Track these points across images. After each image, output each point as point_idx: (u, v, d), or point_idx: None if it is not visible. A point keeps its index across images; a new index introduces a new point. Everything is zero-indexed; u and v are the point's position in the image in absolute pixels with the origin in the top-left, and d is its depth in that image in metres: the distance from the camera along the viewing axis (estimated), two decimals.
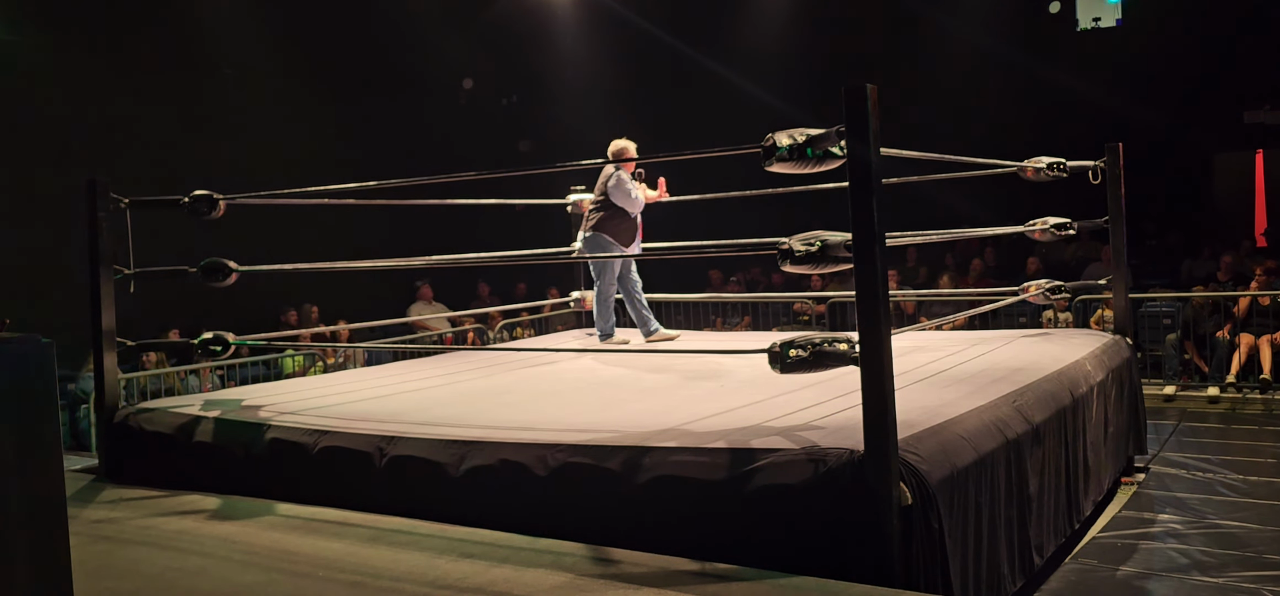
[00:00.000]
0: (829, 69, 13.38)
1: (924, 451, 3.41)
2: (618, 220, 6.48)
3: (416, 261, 6.52)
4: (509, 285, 12.86)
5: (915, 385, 4.54)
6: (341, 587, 3.31)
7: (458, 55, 14.48)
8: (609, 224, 6.46)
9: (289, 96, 12.13)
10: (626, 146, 6.56)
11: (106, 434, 5.18)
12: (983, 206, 7.64)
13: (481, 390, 5.33)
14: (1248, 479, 5.86)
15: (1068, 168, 6.05)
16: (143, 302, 5.53)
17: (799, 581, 3.13)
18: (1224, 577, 4.27)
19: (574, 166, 7.70)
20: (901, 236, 6.34)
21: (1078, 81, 13.04)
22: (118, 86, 10.62)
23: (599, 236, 6.47)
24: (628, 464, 3.59)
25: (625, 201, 6.43)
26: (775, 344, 3.60)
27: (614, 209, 6.46)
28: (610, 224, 6.46)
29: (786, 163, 3.55)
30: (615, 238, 6.45)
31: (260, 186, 6.29)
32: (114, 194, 5.20)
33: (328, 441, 4.33)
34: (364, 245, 7.21)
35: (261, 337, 6.39)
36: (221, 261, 5.43)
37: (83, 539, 3.94)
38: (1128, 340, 6.20)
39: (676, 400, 4.58)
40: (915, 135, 5.60)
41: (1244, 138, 13.21)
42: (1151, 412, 6.93)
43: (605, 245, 6.44)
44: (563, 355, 6.27)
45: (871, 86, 3.33)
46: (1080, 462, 4.85)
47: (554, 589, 3.17)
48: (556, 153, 14.13)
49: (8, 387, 2.12)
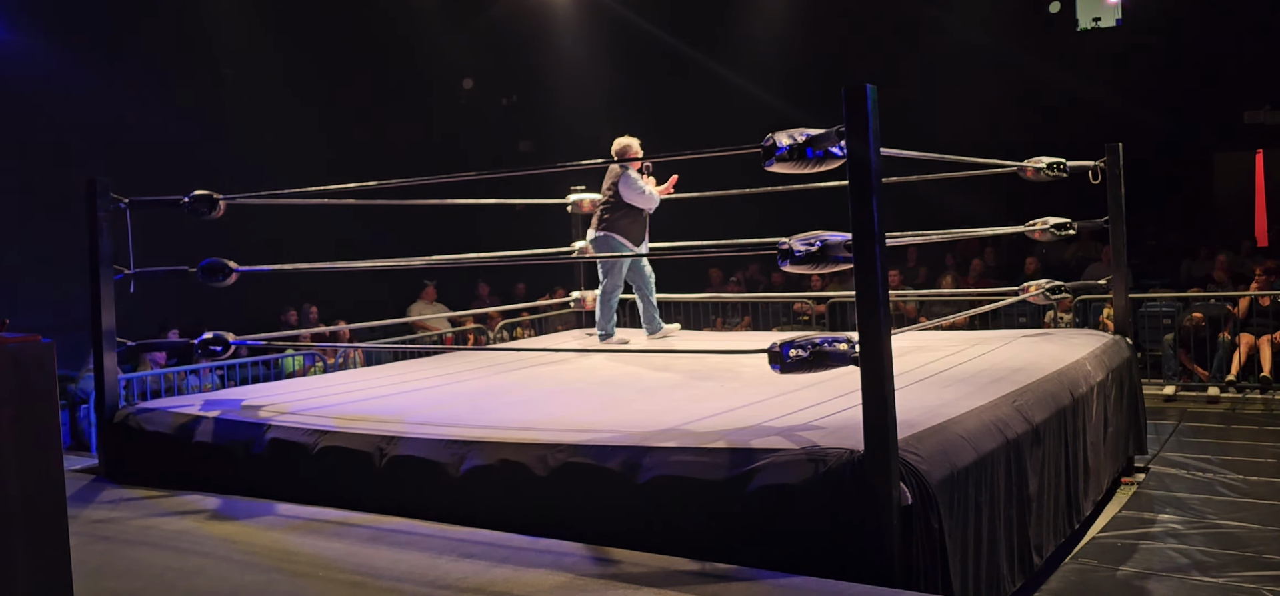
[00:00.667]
0: (829, 69, 13.39)
1: (924, 451, 3.41)
2: (629, 219, 6.43)
3: (416, 261, 6.51)
4: (509, 285, 12.86)
5: (915, 385, 4.54)
6: (341, 587, 3.30)
7: (458, 55, 14.48)
8: (620, 223, 6.42)
9: (289, 96, 12.12)
10: (630, 143, 6.51)
11: (106, 434, 5.18)
12: (983, 206, 7.63)
13: (481, 390, 5.33)
14: (1248, 479, 5.86)
15: (1068, 168, 6.05)
16: (143, 303, 5.53)
17: (799, 581, 3.13)
18: (1224, 577, 4.27)
19: (574, 166, 7.71)
20: (901, 236, 6.34)
21: (1078, 81, 13.04)
22: (118, 86, 10.61)
23: (609, 236, 6.42)
24: (628, 464, 3.58)
25: (638, 199, 6.38)
26: (775, 344, 3.60)
27: (624, 208, 6.41)
28: (621, 223, 6.42)
29: (786, 163, 3.55)
30: (626, 236, 6.41)
31: (260, 186, 6.29)
32: (114, 194, 5.20)
33: (328, 441, 4.32)
34: (364, 245, 7.21)
35: (261, 337, 6.39)
36: (221, 261, 5.43)
37: (83, 539, 3.94)
38: (1128, 340, 6.20)
39: (676, 400, 4.58)
40: (915, 135, 5.60)
41: (1244, 138, 13.21)
42: (1151, 412, 6.93)
43: (615, 245, 6.40)
44: (563, 355, 6.27)
45: (871, 86, 3.33)
46: (1080, 462, 4.85)
47: (554, 589, 3.17)
48: (556, 153, 14.14)
49: (8, 387, 2.12)
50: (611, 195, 6.45)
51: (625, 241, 6.40)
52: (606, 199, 6.49)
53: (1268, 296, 8.96)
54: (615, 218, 6.42)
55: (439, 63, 14.25)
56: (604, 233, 6.45)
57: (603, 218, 6.49)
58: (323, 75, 12.74)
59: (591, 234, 6.57)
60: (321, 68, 12.70)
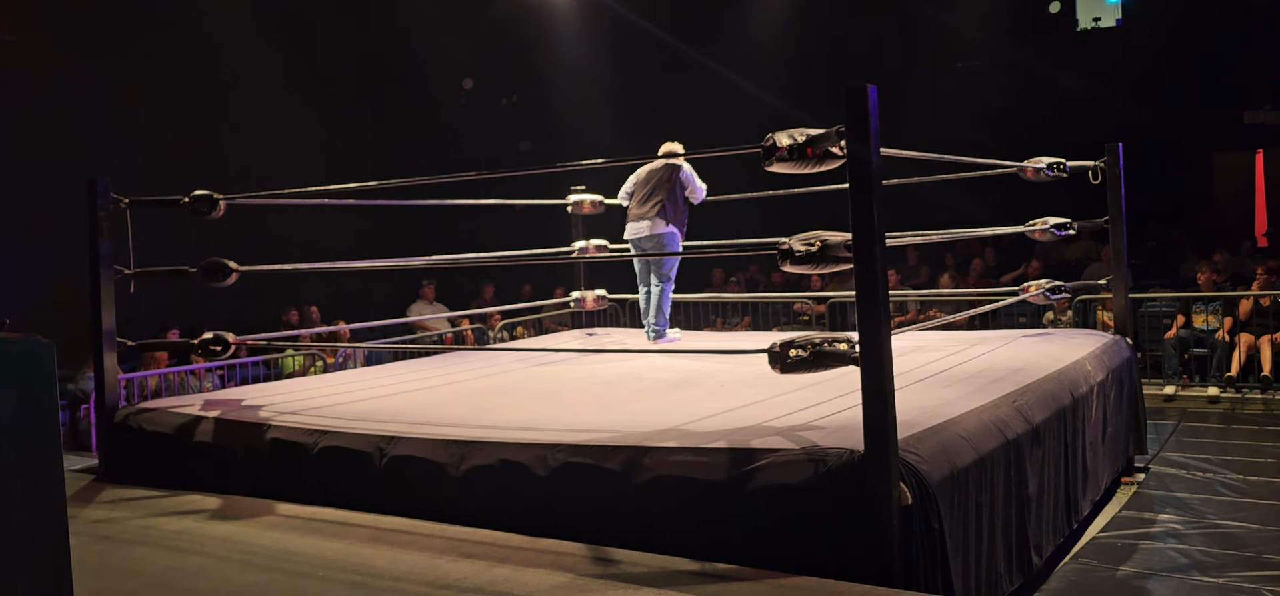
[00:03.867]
0: (829, 69, 13.39)
1: (924, 451, 3.41)
2: (684, 215, 6.56)
3: (416, 261, 6.51)
4: (510, 285, 12.87)
5: (915, 385, 4.55)
6: (341, 587, 3.30)
7: (458, 55, 14.49)
8: (678, 220, 6.51)
9: (289, 96, 12.12)
10: (677, 146, 6.58)
11: (106, 434, 5.18)
12: (983, 206, 7.63)
13: (481, 390, 5.32)
14: (1248, 479, 5.86)
15: (1068, 168, 6.05)
16: (143, 303, 5.53)
17: (799, 581, 3.13)
18: (1224, 577, 4.27)
19: (574, 166, 7.67)
20: (901, 236, 6.35)
21: (1078, 81, 13.05)
22: (118, 86, 10.62)
23: (675, 234, 6.47)
24: (628, 464, 3.58)
25: (701, 195, 6.58)
26: (775, 344, 3.60)
27: (680, 206, 6.51)
28: (678, 220, 6.51)
29: (786, 163, 3.55)
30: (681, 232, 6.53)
31: (260, 186, 6.29)
32: (114, 194, 5.20)
33: (328, 441, 4.32)
34: (364, 245, 7.21)
35: (261, 338, 6.39)
36: (221, 261, 5.43)
37: (83, 539, 3.94)
38: (1128, 340, 6.20)
39: (676, 400, 4.58)
40: (915, 135, 5.60)
41: (1244, 138, 13.21)
42: (1151, 412, 6.93)
43: (676, 241, 6.47)
44: (563, 355, 6.27)
45: (873, 86, 3.33)
46: (1080, 462, 4.85)
47: (554, 589, 3.17)
48: (556, 153, 14.14)
49: (8, 388, 2.12)
50: (669, 192, 6.47)
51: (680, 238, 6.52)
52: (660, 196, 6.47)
53: (1268, 296, 8.96)
54: (674, 216, 6.49)
55: (439, 63, 14.25)
56: (670, 228, 6.47)
57: (661, 212, 6.47)
58: (323, 75, 12.74)
59: (645, 228, 6.49)
60: (322, 68, 12.70)
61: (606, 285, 7.80)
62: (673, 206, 6.49)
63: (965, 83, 13.43)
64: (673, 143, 6.64)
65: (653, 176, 6.53)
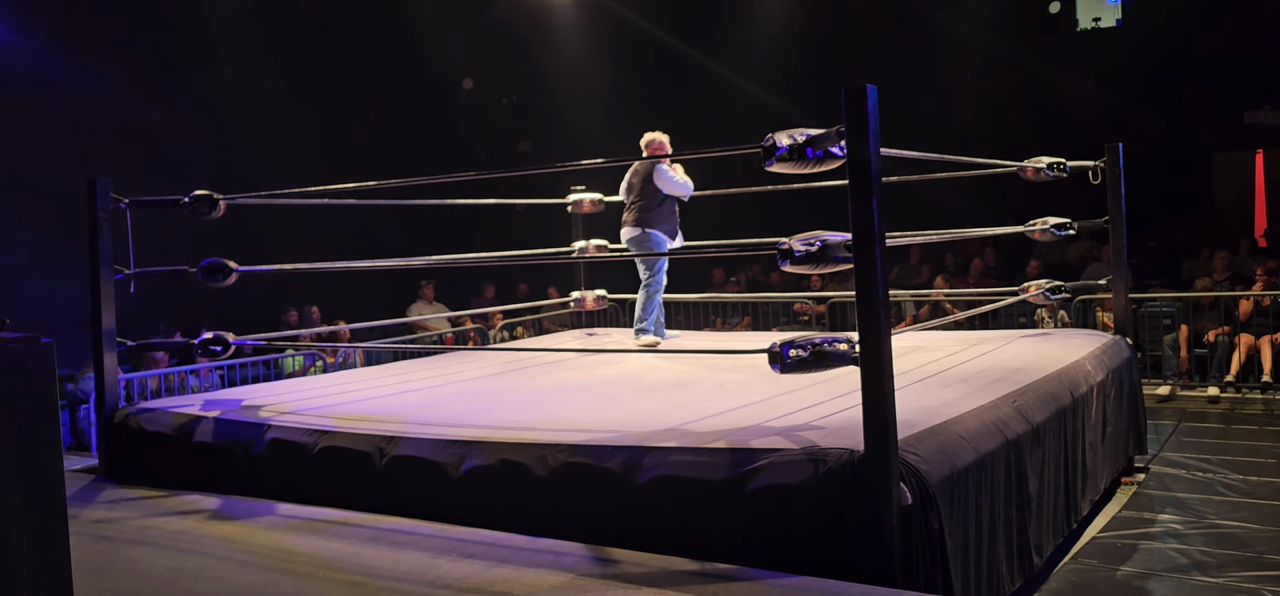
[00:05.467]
0: (829, 69, 13.40)
1: (924, 451, 3.41)
2: (665, 211, 6.33)
3: (417, 261, 6.50)
4: (510, 285, 12.87)
5: (915, 385, 4.54)
6: (341, 587, 3.30)
7: (458, 55, 14.48)
8: (656, 218, 6.30)
9: (289, 96, 12.13)
10: (659, 137, 6.40)
11: (106, 434, 5.18)
12: (983, 206, 7.63)
13: (481, 390, 5.32)
14: (1248, 479, 5.86)
15: (1068, 168, 6.05)
16: (143, 302, 5.53)
17: (799, 581, 3.13)
18: (1224, 577, 4.27)
19: (574, 166, 7.69)
20: (901, 236, 6.34)
21: (1078, 81, 13.05)
22: (118, 86, 10.62)
23: (649, 233, 6.29)
24: (628, 464, 3.58)
25: (673, 188, 6.26)
26: (775, 344, 3.60)
27: (660, 202, 6.29)
28: (657, 217, 6.30)
29: (786, 163, 3.55)
30: (663, 231, 6.32)
31: (260, 186, 6.29)
32: (114, 194, 5.20)
33: (328, 441, 4.32)
34: (364, 245, 7.21)
35: (261, 338, 6.39)
36: (221, 261, 5.43)
37: (83, 539, 3.94)
38: (1128, 340, 6.20)
39: (676, 400, 4.58)
40: (915, 135, 5.60)
41: (1244, 138, 13.22)
42: (1151, 412, 6.93)
43: (655, 242, 6.30)
44: (562, 355, 6.27)
45: (873, 86, 3.33)
46: (1080, 462, 4.85)
47: (554, 589, 3.17)
48: (556, 153, 14.15)
49: (8, 387, 2.12)
50: (643, 191, 6.33)
51: (664, 238, 6.33)
52: (636, 196, 6.36)
53: (1269, 297, 8.96)
54: (650, 214, 6.31)
55: (439, 63, 14.24)
56: (641, 230, 6.31)
57: (638, 216, 6.35)
58: (323, 75, 12.74)
59: (626, 233, 6.42)
60: (322, 67, 12.70)
61: (606, 285, 7.80)
62: (651, 207, 6.32)
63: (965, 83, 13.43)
64: (652, 132, 6.46)
65: (634, 178, 6.44)
